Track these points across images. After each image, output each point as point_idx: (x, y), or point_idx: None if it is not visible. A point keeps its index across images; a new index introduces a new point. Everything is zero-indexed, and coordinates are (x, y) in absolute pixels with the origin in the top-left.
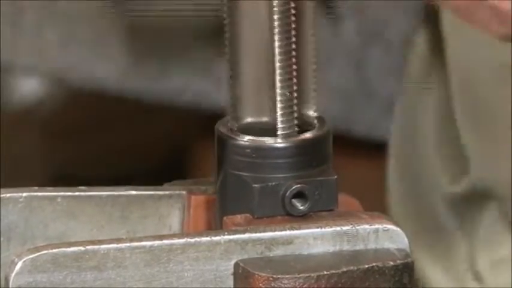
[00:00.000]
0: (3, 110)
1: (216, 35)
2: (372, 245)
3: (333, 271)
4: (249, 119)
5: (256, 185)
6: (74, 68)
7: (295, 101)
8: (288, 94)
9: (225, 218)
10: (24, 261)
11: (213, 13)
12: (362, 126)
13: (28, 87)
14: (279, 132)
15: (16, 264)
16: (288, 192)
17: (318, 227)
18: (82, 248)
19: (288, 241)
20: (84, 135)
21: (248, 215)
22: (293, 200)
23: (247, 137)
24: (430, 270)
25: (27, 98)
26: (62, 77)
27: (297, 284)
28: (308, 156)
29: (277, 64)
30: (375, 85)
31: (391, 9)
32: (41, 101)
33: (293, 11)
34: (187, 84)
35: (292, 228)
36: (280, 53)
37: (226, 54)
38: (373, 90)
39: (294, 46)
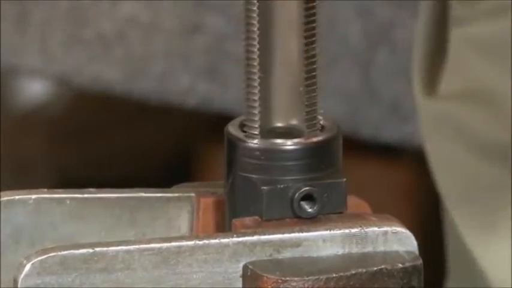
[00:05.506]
0: (9, 113)
1: None
2: (380, 248)
3: (342, 273)
4: (261, 122)
5: (264, 188)
6: (80, 70)
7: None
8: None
9: (234, 220)
10: (32, 263)
11: None
12: (368, 128)
13: (33, 90)
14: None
15: (25, 266)
16: (297, 194)
17: (326, 230)
18: (91, 250)
19: (297, 243)
20: (91, 137)
21: (257, 217)
22: (302, 203)
23: (256, 139)
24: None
25: (32, 101)
26: (68, 79)
27: (306, 286)
28: (317, 158)
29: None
30: (381, 87)
31: (397, 10)
32: (47, 103)
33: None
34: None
35: (301, 231)
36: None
37: (244, 58)
38: (379, 91)
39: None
